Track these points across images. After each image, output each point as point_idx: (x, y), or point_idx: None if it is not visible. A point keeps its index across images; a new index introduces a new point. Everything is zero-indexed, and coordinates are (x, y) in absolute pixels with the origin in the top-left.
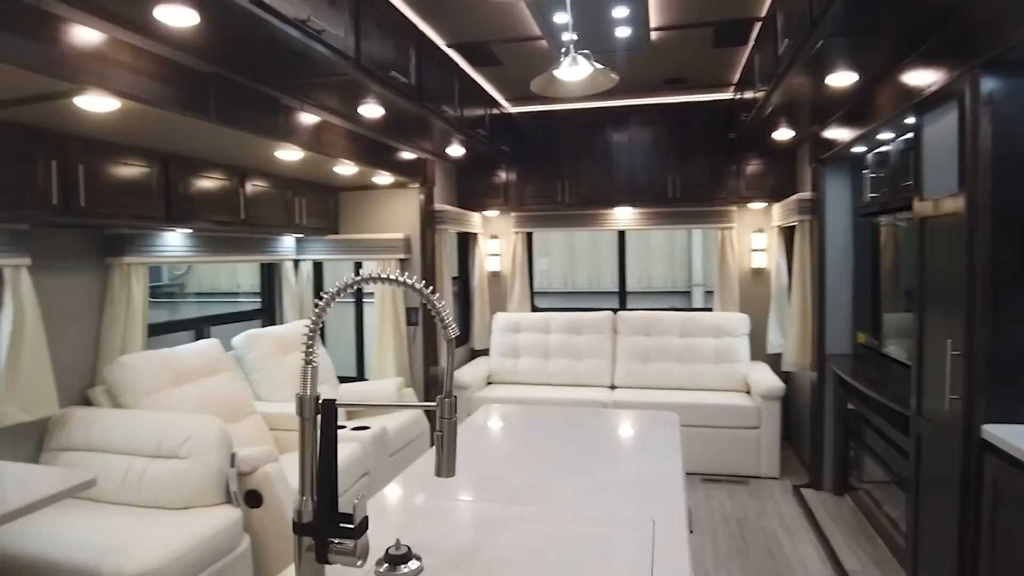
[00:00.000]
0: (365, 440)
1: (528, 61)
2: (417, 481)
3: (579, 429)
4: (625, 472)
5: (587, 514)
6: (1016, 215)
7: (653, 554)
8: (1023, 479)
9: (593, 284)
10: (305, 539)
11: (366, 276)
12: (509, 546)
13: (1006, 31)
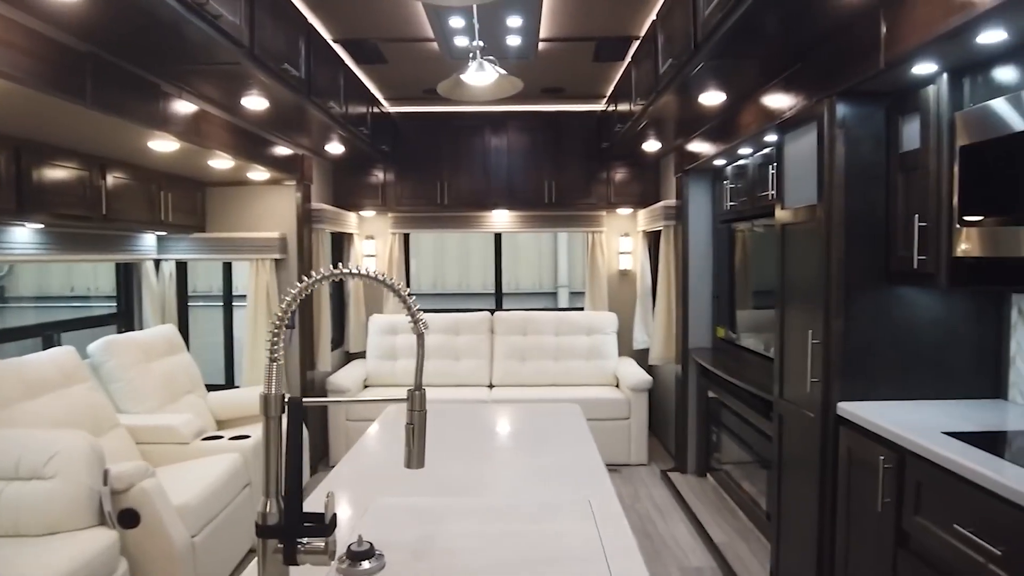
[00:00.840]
0: (246, 449)
1: (415, 62)
2: (349, 481)
3: (492, 424)
4: (550, 461)
5: (528, 500)
6: (862, 224)
7: (599, 530)
8: (870, 445)
9: (463, 286)
10: (270, 542)
11: (343, 271)
12: (464, 535)
13: (857, 66)
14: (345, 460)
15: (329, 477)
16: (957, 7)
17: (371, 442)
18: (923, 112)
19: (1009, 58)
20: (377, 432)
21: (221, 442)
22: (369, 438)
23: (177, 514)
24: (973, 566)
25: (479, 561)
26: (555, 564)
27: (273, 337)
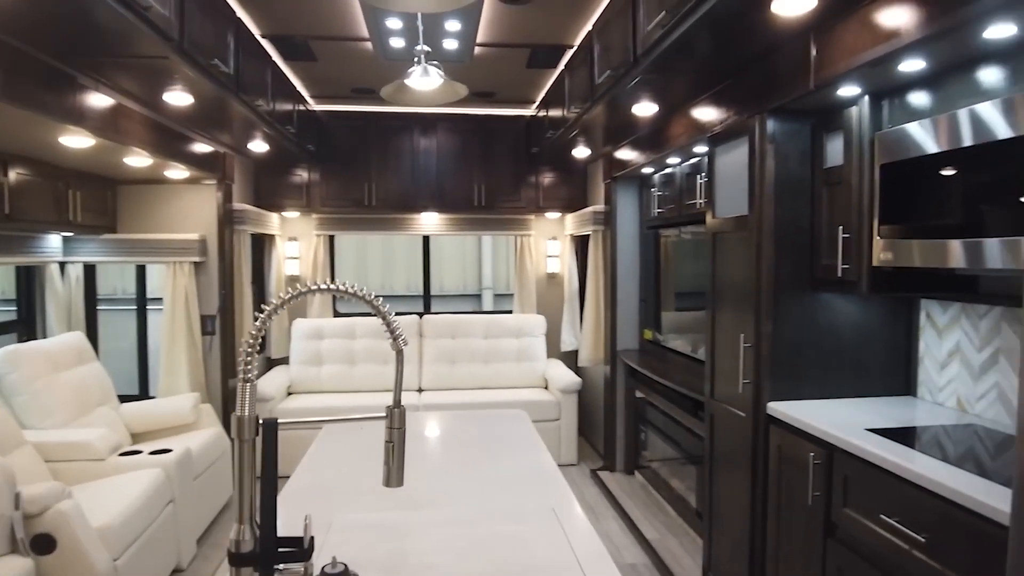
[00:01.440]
0: (168, 464)
1: (345, 61)
2: (303, 498)
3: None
4: (506, 469)
5: (493, 510)
6: (790, 234)
7: (568, 538)
8: (800, 443)
9: (387, 287)
10: (244, 570)
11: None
12: (435, 550)
13: (789, 86)
14: (295, 475)
15: (282, 494)
16: (883, 36)
17: (320, 455)
18: (846, 131)
19: (923, 84)
20: (323, 444)
21: (140, 457)
22: (316, 451)
23: (98, 537)
24: (899, 553)
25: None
26: (531, 574)
27: (246, 356)
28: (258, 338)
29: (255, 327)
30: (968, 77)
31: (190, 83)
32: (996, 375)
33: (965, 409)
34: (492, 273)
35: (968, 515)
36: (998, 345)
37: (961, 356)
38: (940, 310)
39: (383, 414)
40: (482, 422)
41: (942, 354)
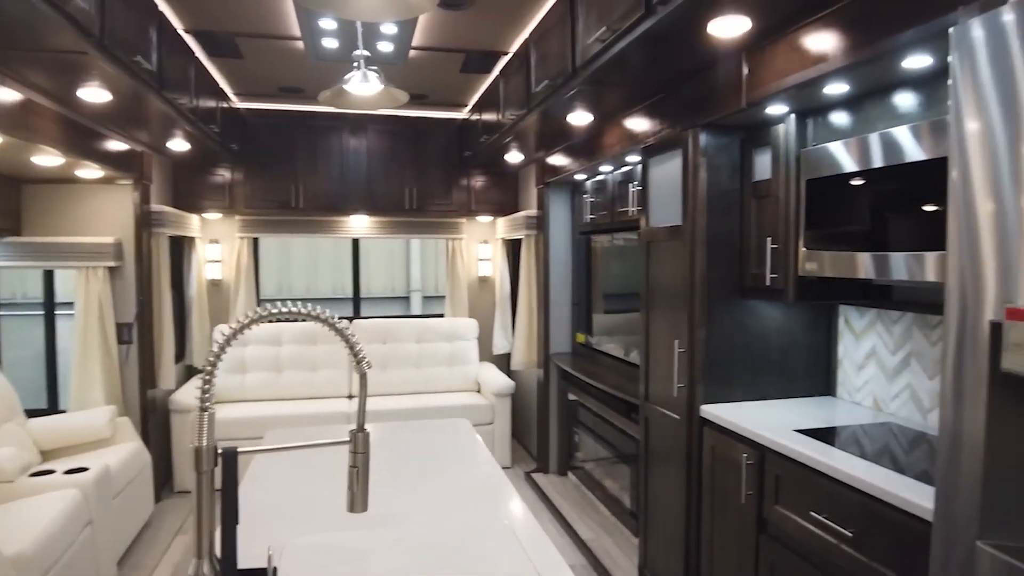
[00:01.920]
0: (86, 484)
1: (273, 59)
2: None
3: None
4: (456, 482)
5: (449, 526)
6: (721, 243)
7: (527, 554)
8: (733, 444)
9: (311, 291)
10: None
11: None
12: (396, 570)
13: (722, 102)
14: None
15: None
16: (811, 61)
17: (261, 473)
18: (774, 147)
19: (845, 105)
20: (263, 461)
21: (54, 477)
22: (257, 469)
23: (11, 566)
24: (828, 548)
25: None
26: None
27: (204, 384)
28: (216, 365)
29: (213, 354)
30: (886, 100)
31: (109, 79)
32: (908, 376)
33: (881, 408)
34: (421, 275)
35: (891, 510)
36: (910, 349)
37: (877, 359)
38: (858, 316)
39: (346, 439)
40: (425, 433)
41: (859, 357)
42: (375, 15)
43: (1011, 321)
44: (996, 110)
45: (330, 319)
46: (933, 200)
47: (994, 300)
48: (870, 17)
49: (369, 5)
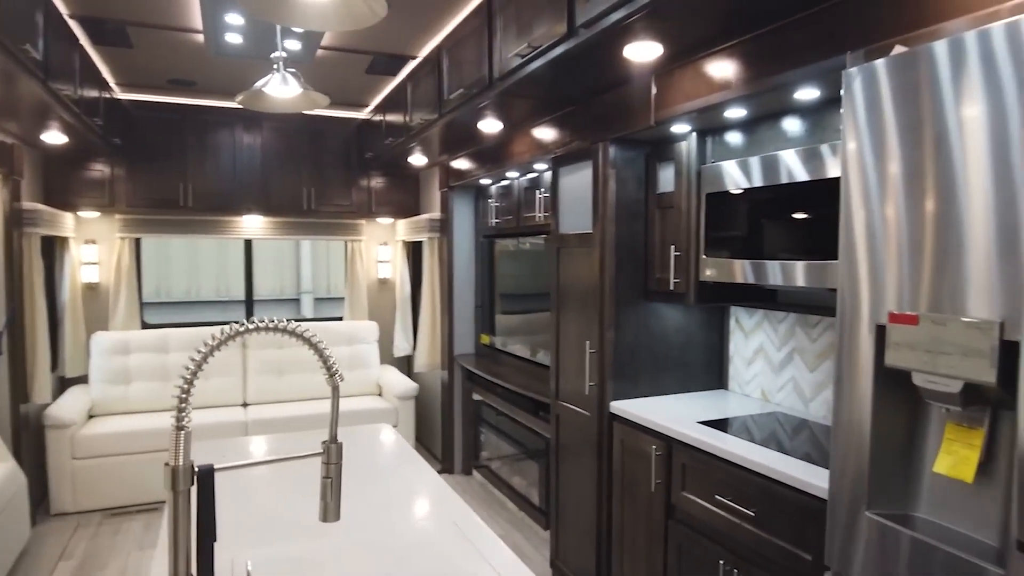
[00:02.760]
0: None
1: (167, 50)
2: None
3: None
4: (396, 486)
5: (400, 529)
6: (628, 250)
7: (478, 550)
8: (642, 437)
9: (192, 293)
10: None
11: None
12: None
13: (632, 119)
14: (164, 524)
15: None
16: (715, 87)
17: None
18: (677, 162)
19: (740, 127)
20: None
21: None
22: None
23: None
24: (732, 527)
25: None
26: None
27: (180, 404)
28: (192, 382)
29: (189, 371)
30: (777, 125)
31: None
32: (792, 370)
33: (768, 399)
34: (312, 277)
35: (788, 490)
36: (793, 345)
37: (764, 355)
38: (747, 316)
39: (320, 450)
40: (354, 439)
41: (748, 353)
42: (324, 24)
43: (893, 324)
44: (868, 140)
45: (303, 333)
46: (813, 215)
47: (879, 305)
48: (769, 53)
49: (319, 14)
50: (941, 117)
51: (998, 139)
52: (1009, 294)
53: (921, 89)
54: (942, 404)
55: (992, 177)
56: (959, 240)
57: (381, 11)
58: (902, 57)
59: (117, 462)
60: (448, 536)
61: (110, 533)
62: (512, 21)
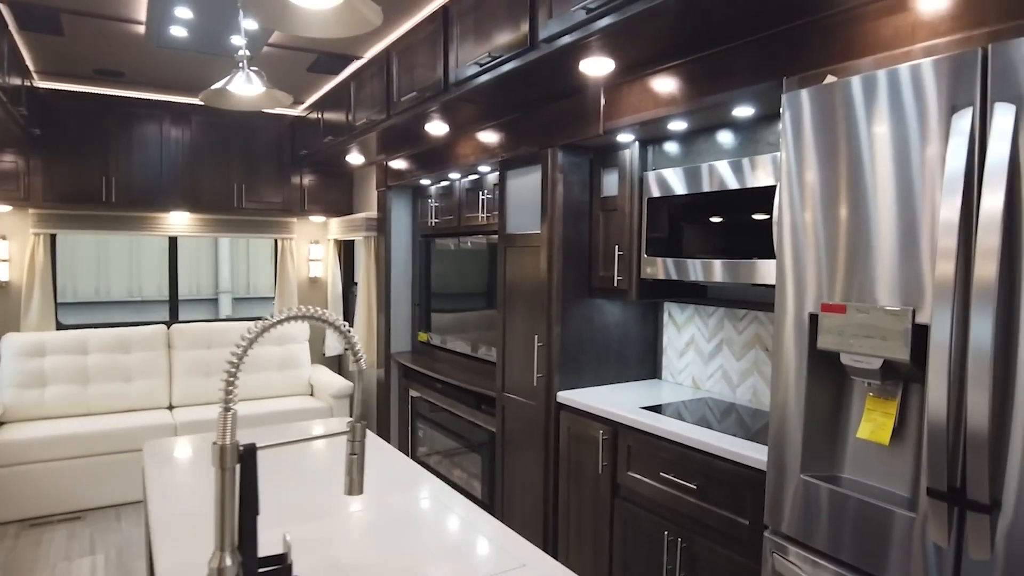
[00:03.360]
0: None
1: (99, 40)
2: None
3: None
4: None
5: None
6: (574, 249)
7: (468, 520)
8: (588, 423)
9: (101, 293)
10: None
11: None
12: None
13: (581, 127)
14: (156, 504)
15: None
16: (662, 102)
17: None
18: (620, 168)
19: (679, 138)
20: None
21: None
22: (158, 478)
23: None
24: (676, 500)
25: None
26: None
27: (228, 386)
28: (238, 368)
29: (236, 357)
30: (712, 137)
31: None
32: (720, 360)
33: (699, 386)
34: (231, 276)
35: (728, 463)
36: (722, 337)
37: (695, 346)
38: (679, 311)
39: (345, 430)
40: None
41: (680, 345)
42: (323, 31)
43: (824, 312)
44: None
45: (333, 320)
46: (743, 219)
47: (812, 296)
48: (712, 73)
49: (320, 22)
50: (856, 139)
51: (901, 159)
52: (912, 286)
53: (838, 116)
54: (864, 379)
55: (896, 190)
56: (868, 241)
57: (376, 20)
58: (825, 87)
59: (34, 470)
60: (438, 510)
61: (31, 544)
62: (470, 31)
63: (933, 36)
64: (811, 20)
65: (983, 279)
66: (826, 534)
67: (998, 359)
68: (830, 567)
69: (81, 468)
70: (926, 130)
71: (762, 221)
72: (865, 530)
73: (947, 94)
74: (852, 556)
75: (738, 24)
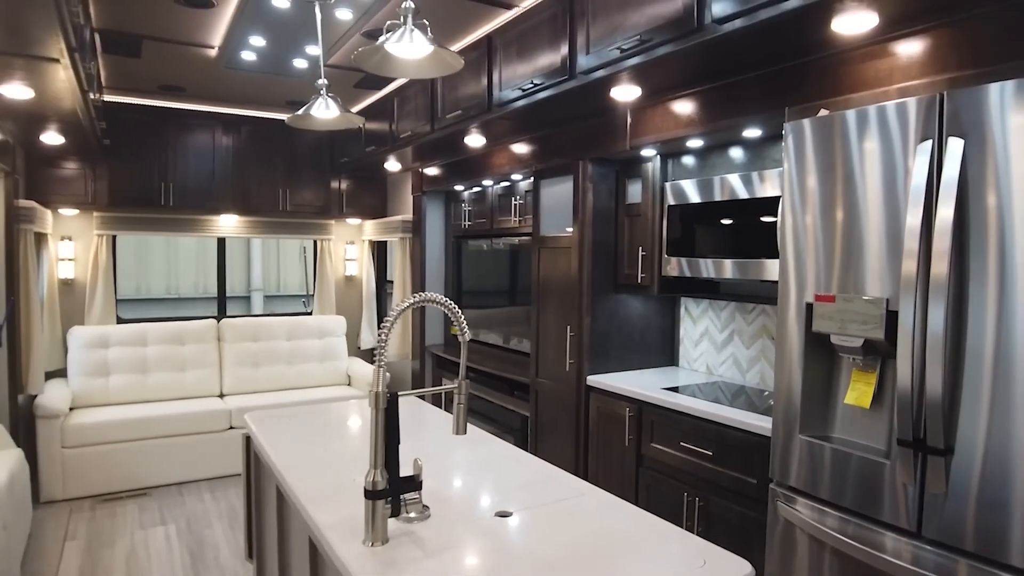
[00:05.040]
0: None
1: (171, 61)
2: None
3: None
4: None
5: (480, 453)
6: (602, 250)
7: (535, 463)
8: (614, 402)
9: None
10: (378, 502)
11: (420, 299)
12: (461, 469)
13: (610, 143)
14: (280, 456)
15: (284, 468)
16: (682, 124)
17: (280, 443)
18: (644, 179)
19: (697, 153)
20: (269, 435)
21: None
22: (272, 442)
23: None
24: (693, 466)
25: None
26: (535, 484)
27: (380, 350)
28: (387, 340)
29: (385, 330)
30: (725, 152)
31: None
32: (731, 348)
33: (712, 372)
34: (262, 275)
35: (738, 432)
36: (733, 328)
37: (709, 336)
38: (695, 304)
39: (455, 385)
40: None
41: (696, 335)
42: (418, 73)
43: (817, 302)
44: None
45: (445, 301)
46: (752, 223)
47: (809, 289)
48: (725, 101)
49: (416, 67)
50: (849, 158)
51: (889, 174)
52: (893, 280)
53: (836, 141)
54: (850, 355)
55: (883, 199)
56: (859, 242)
57: (458, 65)
58: (825, 119)
59: (103, 450)
60: (513, 456)
61: (106, 516)
62: (513, 58)
63: (905, 79)
64: (808, 60)
65: (937, 275)
66: (827, 483)
67: (951, 339)
68: (830, 511)
69: (145, 449)
70: (905, 154)
71: (769, 226)
72: (852, 477)
73: (915, 128)
74: (839, 497)
75: (747, 62)
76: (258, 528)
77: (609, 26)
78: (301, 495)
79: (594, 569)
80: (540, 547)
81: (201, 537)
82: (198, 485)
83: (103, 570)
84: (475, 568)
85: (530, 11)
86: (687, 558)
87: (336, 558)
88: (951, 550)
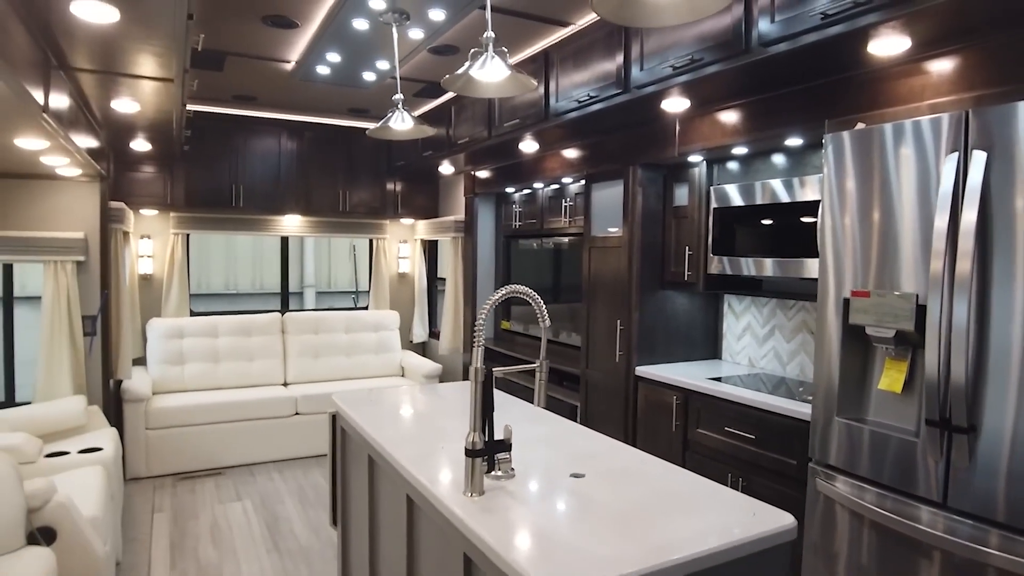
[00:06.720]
0: (107, 462)
1: (249, 74)
2: (403, 440)
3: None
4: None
5: (547, 431)
6: (650, 249)
7: (597, 436)
8: (663, 392)
9: (203, 286)
10: (477, 460)
11: (508, 293)
12: (535, 441)
13: (660, 150)
14: (375, 429)
15: (382, 439)
16: (728, 133)
17: (369, 420)
18: (690, 183)
19: (740, 159)
20: (359, 414)
21: (71, 457)
22: (363, 418)
23: (91, 525)
24: (737, 449)
25: (573, 450)
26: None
27: (476, 333)
28: (483, 325)
29: (482, 317)
30: (767, 159)
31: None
32: (773, 342)
33: (754, 365)
34: (315, 272)
35: (779, 417)
36: (774, 323)
37: (751, 331)
38: (737, 301)
39: (536, 364)
40: (450, 391)
41: (738, 330)
42: (499, 94)
43: (854, 297)
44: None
45: (529, 294)
46: (793, 225)
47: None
48: (768, 112)
49: (499, 88)
50: (886, 167)
51: (921, 182)
52: (923, 277)
53: (874, 151)
54: (883, 345)
55: (916, 205)
56: (895, 241)
57: (532, 85)
58: (865, 131)
59: (182, 432)
60: (575, 430)
61: (187, 492)
62: (569, 71)
63: (936, 96)
64: (847, 76)
65: (961, 273)
66: (865, 461)
67: (976, 330)
68: (868, 487)
69: (218, 432)
70: (937, 164)
71: (809, 227)
72: (889, 455)
73: (945, 140)
74: (877, 474)
75: (790, 76)
76: (343, 497)
77: (661, 42)
78: (403, 459)
79: (663, 518)
80: (612, 501)
81: (275, 512)
82: (267, 466)
83: (192, 538)
84: (561, 513)
85: (587, 28)
86: (739, 511)
87: (443, 506)
88: (982, 520)
